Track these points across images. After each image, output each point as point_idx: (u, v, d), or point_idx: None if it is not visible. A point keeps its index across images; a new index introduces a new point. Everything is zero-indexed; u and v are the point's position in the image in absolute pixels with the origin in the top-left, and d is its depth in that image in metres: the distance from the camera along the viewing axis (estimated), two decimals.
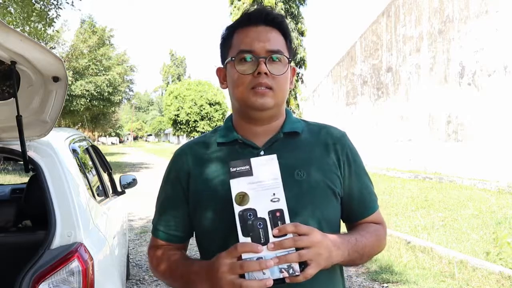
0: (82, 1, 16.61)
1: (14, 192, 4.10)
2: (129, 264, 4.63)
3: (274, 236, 0.83)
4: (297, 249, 0.84)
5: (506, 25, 9.21)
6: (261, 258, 0.82)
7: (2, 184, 4.73)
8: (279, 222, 0.84)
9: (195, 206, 1.06)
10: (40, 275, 1.62)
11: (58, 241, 1.74)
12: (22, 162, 1.96)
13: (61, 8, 8.92)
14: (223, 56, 1.11)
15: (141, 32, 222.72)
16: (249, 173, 0.88)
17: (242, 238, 0.84)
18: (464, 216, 6.42)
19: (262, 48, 1.02)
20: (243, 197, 0.86)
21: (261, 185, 0.87)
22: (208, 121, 27.93)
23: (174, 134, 34.21)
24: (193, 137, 29.43)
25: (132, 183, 3.90)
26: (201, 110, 27.60)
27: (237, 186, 0.87)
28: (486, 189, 8.80)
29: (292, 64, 1.12)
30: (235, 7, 22.21)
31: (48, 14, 8.70)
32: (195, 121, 27.67)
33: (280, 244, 0.83)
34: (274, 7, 20.48)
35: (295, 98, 20.88)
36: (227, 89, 1.11)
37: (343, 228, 1.13)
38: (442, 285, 3.90)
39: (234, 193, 0.86)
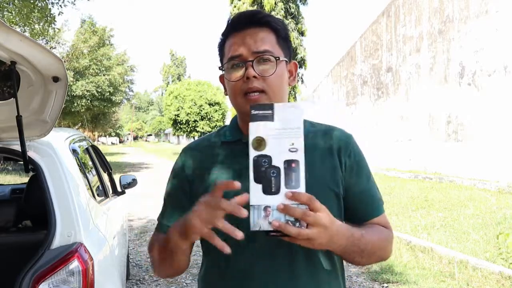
0: (84, 1, 16.63)
1: (14, 192, 4.10)
2: (129, 264, 4.63)
3: (287, 197, 0.80)
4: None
5: (506, 25, 9.21)
6: (269, 207, 0.80)
7: (2, 184, 4.73)
8: (293, 174, 0.81)
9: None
10: (40, 275, 1.62)
11: (58, 241, 1.74)
12: (22, 162, 1.96)
13: (62, 6, 8.94)
14: (220, 65, 1.11)
15: (141, 32, 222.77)
16: (270, 118, 0.83)
17: (253, 184, 0.81)
18: (464, 216, 6.42)
19: (248, 51, 1.01)
20: (260, 142, 0.82)
21: (280, 133, 0.83)
22: (208, 121, 27.91)
23: (174, 134, 34.22)
24: (193, 137, 29.55)
25: (132, 183, 3.90)
26: (201, 110, 27.59)
27: (255, 130, 0.83)
28: (486, 189, 8.80)
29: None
30: (235, 6, 22.21)
31: (50, 12, 8.72)
32: (195, 121, 27.66)
33: (288, 209, 0.79)
34: (274, 7, 20.49)
35: (295, 98, 20.89)
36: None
37: None
38: (442, 285, 3.90)
39: (251, 138, 0.83)
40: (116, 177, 3.87)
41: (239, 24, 1.04)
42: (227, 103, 28.01)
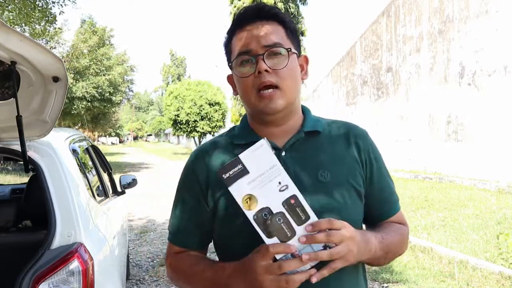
0: (85, 0, 16.62)
1: (14, 192, 4.10)
2: (129, 264, 4.63)
3: (308, 231, 0.78)
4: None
5: (506, 25, 9.21)
6: (296, 251, 0.78)
7: (2, 184, 4.72)
8: (297, 209, 0.79)
9: (214, 212, 1.01)
10: (40, 275, 1.62)
11: (58, 241, 1.74)
12: (22, 162, 1.96)
13: (62, 6, 8.95)
14: (229, 62, 1.06)
15: (141, 32, 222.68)
16: (244, 171, 0.79)
17: (268, 241, 0.78)
18: (464, 216, 6.42)
19: (258, 45, 0.97)
20: (250, 200, 0.79)
21: (262, 179, 0.79)
22: (208, 121, 27.89)
23: (174, 134, 34.19)
24: (193, 137, 29.48)
25: (132, 183, 3.90)
26: (201, 110, 27.57)
27: (238, 191, 0.79)
28: (486, 189, 8.80)
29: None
30: (235, 6, 22.22)
31: (51, 12, 8.72)
32: (195, 121, 27.63)
33: (313, 238, 0.78)
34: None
35: None
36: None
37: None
38: (442, 285, 3.90)
39: (239, 200, 0.79)
40: (116, 177, 3.87)
41: (246, 19, 1.01)
42: (227, 103, 27.97)
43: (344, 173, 1.00)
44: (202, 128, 27.66)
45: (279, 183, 0.79)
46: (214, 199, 1.01)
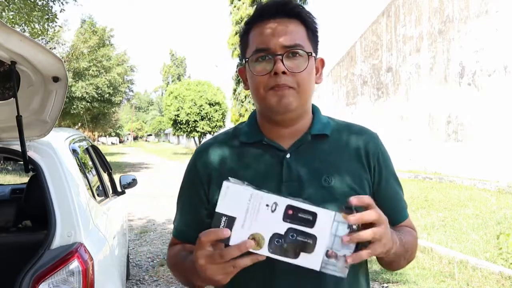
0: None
1: (14, 192, 4.10)
2: (129, 264, 4.63)
3: (352, 202, 0.74)
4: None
5: (506, 25, 9.21)
6: (327, 251, 0.74)
7: (2, 184, 4.72)
8: (299, 215, 0.75)
9: (215, 208, 1.01)
10: (40, 275, 1.62)
11: (58, 241, 1.74)
12: (22, 162, 1.96)
13: (63, 3, 8.93)
14: (243, 55, 1.02)
15: (141, 32, 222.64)
16: (231, 220, 0.75)
17: (299, 262, 0.74)
18: (464, 216, 6.42)
19: (278, 44, 0.93)
20: (255, 240, 0.74)
21: (251, 215, 0.75)
22: (208, 121, 27.90)
23: (174, 134, 34.19)
24: (193, 137, 29.45)
25: (132, 183, 3.90)
26: (201, 110, 27.57)
27: (239, 239, 0.74)
28: (486, 189, 8.80)
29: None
30: (234, 6, 22.20)
31: (51, 10, 8.71)
32: (195, 121, 27.64)
33: (354, 219, 0.73)
34: None
35: None
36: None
37: None
38: (442, 285, 3.90)
39: (249, 248, 0.74)
40: (116, 177, 3.87)
41: (268, 13, 0.96)
42: (227, 103, 27.96)
43: (349, 179, 0.97)
44: (202, 128, 27.67)
45: (267, 205, 0.75)
46: (216, 196, 1.00)
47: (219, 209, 0.76)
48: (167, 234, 6.31)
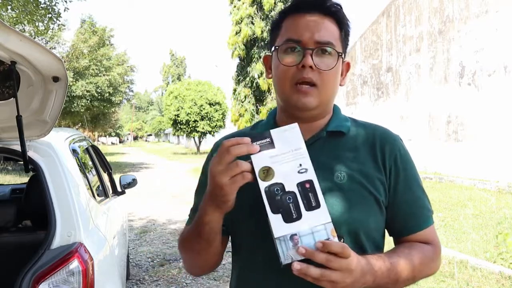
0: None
1: (14, 192, 4.09)
2: (129, 264, 4.63)
3: (317, 249, 0.75)
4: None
5: (506, 25, 9.21)
6: (295, 234, 0.77)
7: (2, 184, 4.73)
8: (309, 194, 0.78)
9: None
10: (40, 275, 1.62)
11: (58, 241, 1.74)
12: (22, 162, 1.96)
13: (67, 1, 8.89)
14: (271, 43, 1.01)
15: (141, 32, 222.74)
16: (270, 145, 0.80)
17: (271, 216, 0.78)
18: (464, 216, 6.42)
19: (311, 38, 0.92)
20: (267, 172, 0.79)
21: (285, 157, 0.80)
22: (208, 121, 27.90)
23: (174, 134, 34.19)
24: (193, 137, 29.42)
25: (132, 183, 3.90)
26: (201, 110, 27.58)
27: (259, 161, 0.79)
28: (486, 189, 8.80)
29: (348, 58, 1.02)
30: (234, 6, 22.22)
31: (54, 9, 8.68)
32: (195, 121, 27.65)
33: (312, 254, 0.74)
34: (274, 6, 20.48)
35: None
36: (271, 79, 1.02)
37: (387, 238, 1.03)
38: (442, 285, 3.90)
39: (257, 169, 0.79)
40: (116, 177, 3.87)
41: (305, 6, 0.95)
42: (227, 103, 27.96)
43: (363, 178, 0.95)
44: (202, 128, 27.67)
45: (300, 165, 0.80)
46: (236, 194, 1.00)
47: (272, 132, 0.82)
48: (167, 234, 6.31)
